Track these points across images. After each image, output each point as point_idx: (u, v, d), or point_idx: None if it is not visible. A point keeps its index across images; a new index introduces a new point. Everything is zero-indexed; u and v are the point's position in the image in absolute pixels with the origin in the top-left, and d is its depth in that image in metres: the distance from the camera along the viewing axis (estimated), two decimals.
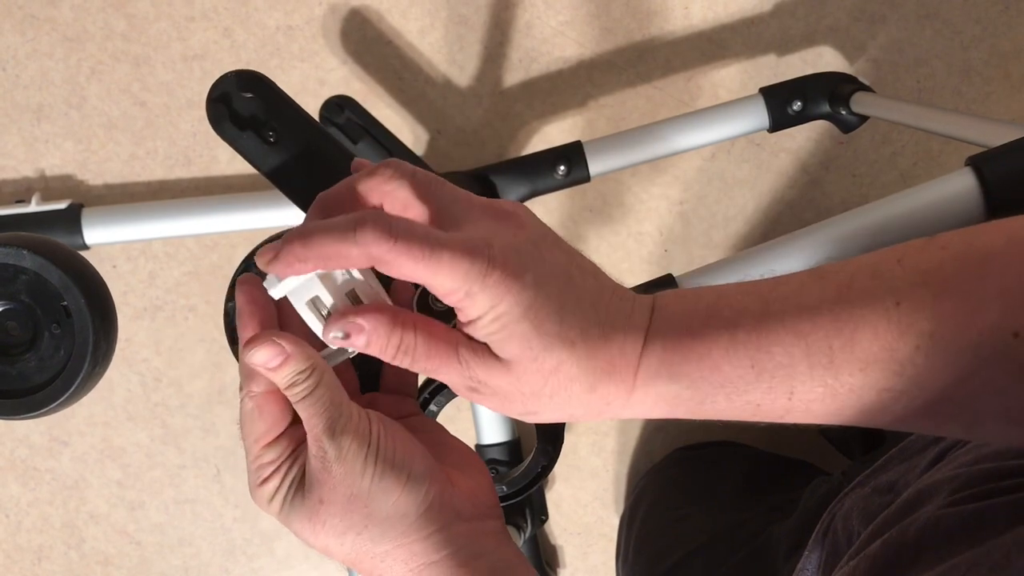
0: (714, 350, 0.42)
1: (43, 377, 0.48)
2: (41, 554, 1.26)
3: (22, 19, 1.12)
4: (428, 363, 0.43)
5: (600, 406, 0.44)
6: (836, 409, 0.41)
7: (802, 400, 0.41)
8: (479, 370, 0.42)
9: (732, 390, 0.42)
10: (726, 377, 0.42)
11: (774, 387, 0.41)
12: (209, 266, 1.17)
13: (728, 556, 0.86)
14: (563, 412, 0.44)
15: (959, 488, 0.49)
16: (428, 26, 1.13)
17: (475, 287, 0.39)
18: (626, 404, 0.44)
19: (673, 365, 0.42)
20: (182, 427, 1.22)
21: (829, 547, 0.63)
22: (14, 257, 0.47)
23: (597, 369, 0.42)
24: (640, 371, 0.43)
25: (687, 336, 0.42)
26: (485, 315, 0.41)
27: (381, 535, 0.43)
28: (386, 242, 0.39)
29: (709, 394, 0.42)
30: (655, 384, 0.43)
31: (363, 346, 0.42)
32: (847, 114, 0.94)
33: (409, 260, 0.39)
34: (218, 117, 0.52)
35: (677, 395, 0.43)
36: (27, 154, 1.15)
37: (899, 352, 0.39)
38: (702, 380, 0.42)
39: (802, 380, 0.41)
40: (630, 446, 1.24)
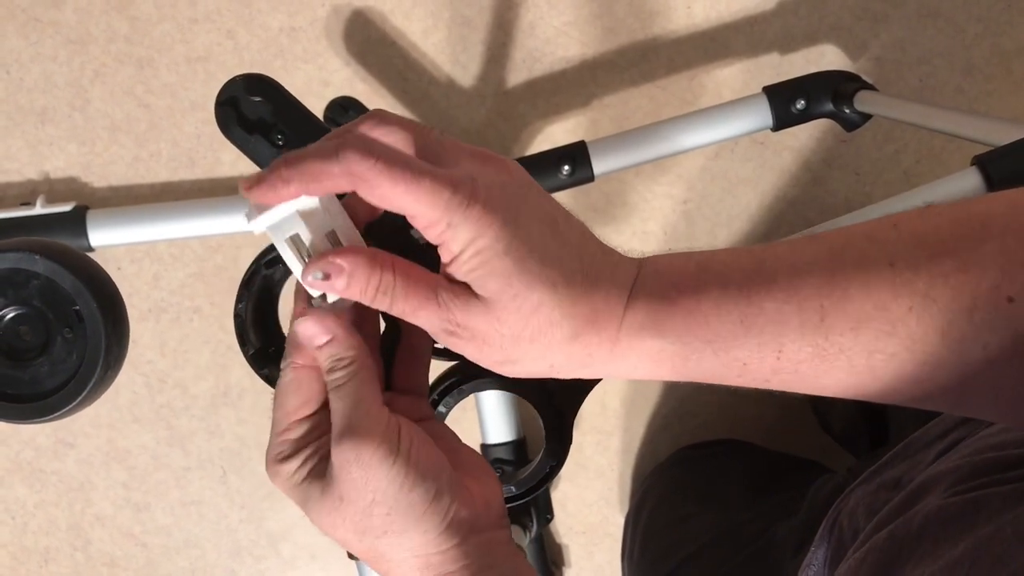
0: (703, 304, 0.41)
1: (55, 382, 0.48)
2: (47, 556, 1.27)
3: (25, 22, 1.12)
4: (407, 304, 0.42)
5: (582, 357, 0.43)
6: (824, 371, 0.40)
7: (790, 360, 0.40)
8: (458, 311, 0.41)
9: (720, 346, 0.41)
10: (714, 332, 0.41)
11: (762, 344, 0.40)
12: (214, 267, 1.17)
13: (734, 554, 0.86)
14: (543, 361, 0.43)
15: (961, 479, 0.49)
16: (431, 27, 1.13)
17: (456, 217, 0.39)
18: (609, 358, 0.43)
19: (659, 319, 0.42)
20: (187, 429, 1.22)
21: (835, 543, 0.63)
22: (26, 262, 0.47)
23: (580, 316, 0.41)
24: (624, 323, 0.42)
25: (674, 290, 0.42)
26: (466, 249, 0.40)
27: (399, 544, 0.43)
28: (367, 160, 0.38)
29: (696, 350, 0.41)
30: (640, 338, 0.42)
31: (343, 288, 0.42)
32: (850, 113, 0.94)
33: (390, 182, 0.38)
34: (226, 120, 0.52)
35: (662, 350, 0.42)
36: (31, 157, 1.15)
37: (891, 312, 0.38)
38: (689, 335, 0.41)
39: (791, 339, 0.40)
40: (635, 445, 1.24)
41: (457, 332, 0.42)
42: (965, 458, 0.51)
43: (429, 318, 0.42)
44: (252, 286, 0.50)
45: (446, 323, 0.42)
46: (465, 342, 0.42)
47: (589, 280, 0.42)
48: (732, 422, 1.22)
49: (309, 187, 0.40)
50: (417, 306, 0.42)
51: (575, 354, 0.42)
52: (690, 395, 1.22)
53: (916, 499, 0.52)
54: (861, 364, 0.39)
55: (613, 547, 1.26)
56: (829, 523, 0.65)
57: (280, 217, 0.42)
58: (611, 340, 0.42)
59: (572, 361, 0.43)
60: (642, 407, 1.23)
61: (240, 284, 0.50)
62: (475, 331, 0.42)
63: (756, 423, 1.22)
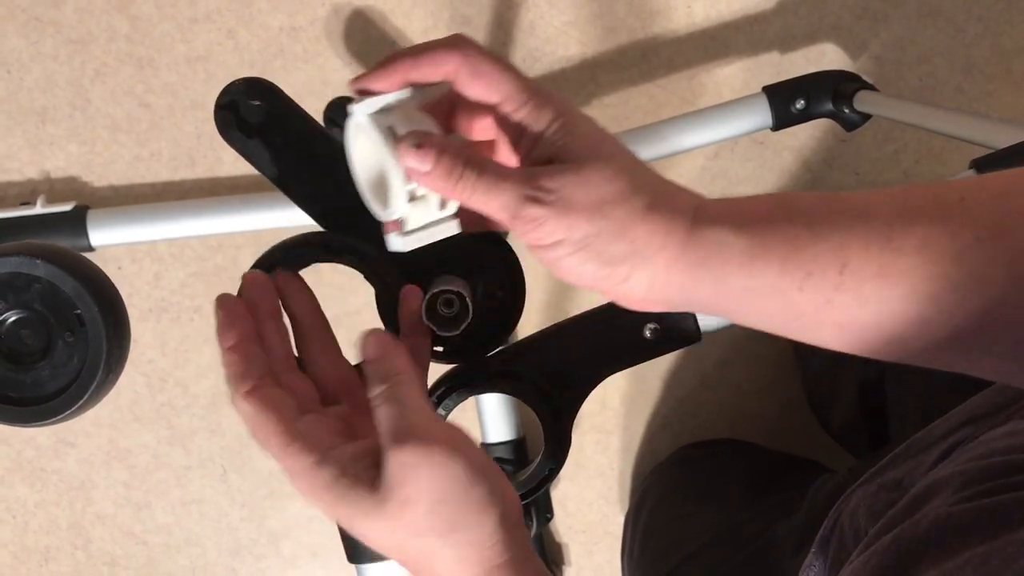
0: (776, 213, 0.42)
1: (57, 385, 0.49)
2: (48, 555, 1.27)
3: (26, 22, 1.13)
4: (494, 173, 0.43)
5: (662, 235, 0.43)
6: (886, 297, 0.40)
7: (853, 277, 0.40)
8: (544, 175, 0.43)
9: (787, 251, 0.41)
10: (784, 235, 0.42)
11: (828, 255, 0.41)
12: (214, 267, 1.17)
13: (734, 554, 0.86)
14: (626, 237, 0.43)
15: (968, 483, 0.48)
16: (431, 27, 1.13)
17: (543, 98, 0.44)
18: (685, 242, 0.43)
19: (734, 215, 0.43)
20: (188, 428, 1.22)
21: (836, 544, 0.63)
22: (27, 266, 0.47)
23: (658, 191, 0.43)
24: (700, 211, 0.43)
25: (747, 201, 0.44)
26: (553, 121, 0.43)
27: (461, 540, 0.44)
28: (470, 41, 0.44)
29: (765, 250, 0.42)
30: (713, 228, 0.43)
31: (434, 157, 0.43)
32: (850, 112, 0.94)
33: (489, 61, 0.44)
34: (226, 124, 0.53)
35: (732, 245, 0.42)
36: (32, 156, 1.15)
37: (959, 238, 0.39)
38: (761, 233, 0.42)
39: (856, 254, 0.40)
40: (635, 444, 1.24)
41: (543, 198, 0.42)
42: (971, 462, 0.51)
43: (515, 187, 0.43)
44: None
45: (532, 189, 0.42)
46: (550, 210, 0.42)
47: (658, 176, 0.45)
48: (732, 421, 1.22)
49: (417, 67, 0.44)
50: (502, 176, 0.43)
51: (656, 229, 0.43)
52: (690, 394, 1.22)
53: (921, 503, 0.51)
54: (923, 289, 0.40)
55: (613, 546, 1.26)
56: (830, 524, 0.65)
57: (382, 105, 0.44)
58: (687, 224, 0.43)
59: (652, 239, 0.43)
60: (642, 406, 1.23)
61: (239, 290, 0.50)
62: (561, 193, 0.42)
63: (756, 422, 1.22)
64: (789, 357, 1.19)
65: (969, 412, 0.60)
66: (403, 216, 0.45)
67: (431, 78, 0.45)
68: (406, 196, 0.44)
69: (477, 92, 0.44)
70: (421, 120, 0.45)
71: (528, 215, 0.42)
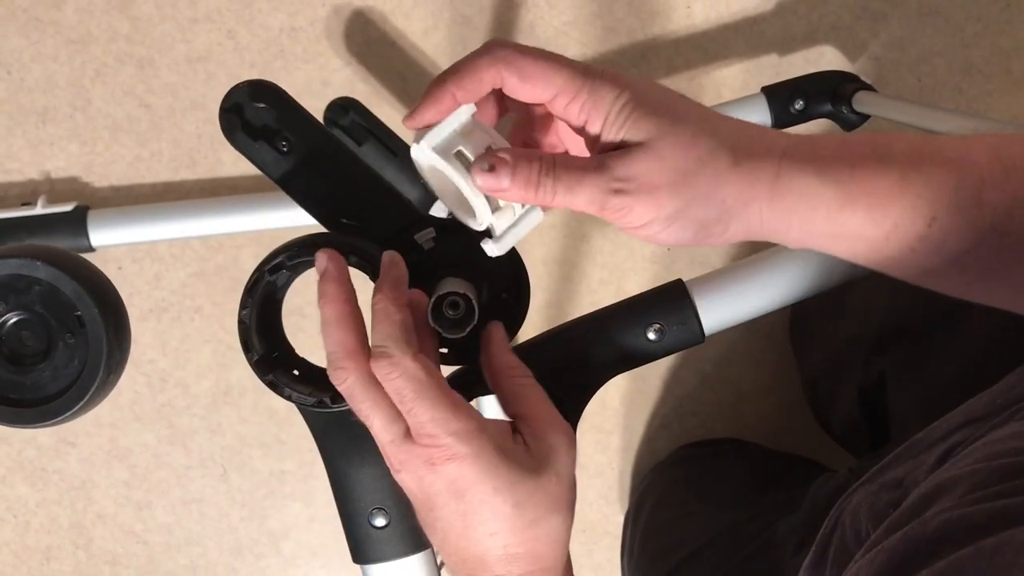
0: (867, 161, 0.42)
1: (57, 387, 0.49)
2: (49, 554, 1.27)
3: (26, 22, 1.13)
4: (570, 176, 0.43)
5: (748, 191, 0.43)
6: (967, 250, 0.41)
7: (940, 231, 0.41)
8: (619, 165, 0.43)
9: (875, 201, 0.42)
10: (872, 185, 0.42)
11: (919, 208, 0.41)
12: (215, 267, 1.17)
13: (734, 553, 0.86)
14: (715, 200, 0.43)
15: (978, 485, 0.48)
16: (431, 27, 1.13)
17: (595, 82, 0.43)
18: (771, 193, 0.43)
19: (821, 161, 0.43)
20: (188, 427, 1.22)
21: (837, 544, 0.63)
22: (28, 268, 0.47)
23: (738, 145, 0.43)
24: (786, 158, 0.43)
25: (838, 143, 0.44)
26: (612, 107, 0.43)
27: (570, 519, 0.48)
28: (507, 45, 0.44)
29: (852, 199, 0.42)
30: (801, 174, 0.43)
31: (509, 176, 0.44)
32: (849, 113, 0.94)
33: (532, 60, 0.43)
34: (231, 127, 0.53)
35: (820, 193, 0.42)
36: (32, 157, 1.16)
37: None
38: (850, 182, 0.42)
39: (946, 209, 0.41)
40: (634, 444, 1.24)
41: (624, 188, 0.43)
42: (980, 463, 0.51)
43: (594, 182, 0.43)
44: (255, 293, 0.50)
45: (611, 182, 0.43)
46: (635, 197, 0.43)
47: (737, 123, 0.44)
48: (732, 421, 1.22)
49: (462, 87, 0.45)
50: (579, 177, 0.43)
51: (742, 186, 0.43)
52: (690, 394, 1.22)
53: (930, 503, 0.51)
54: (1009, 249, 0.41)
55: (613, 545, 1.26)
56: (830, 523, 0.65)
57: (444, 135, 0.45)
58: (773, 173, 0.43)
59: (741, 196, 0.43)
60: (642, 406, 1.23)
61: (244, 291, 0.50)
62: (641, 179, 0.43)
63: (756, 422, 1.22)
64: (789, 357, 1.19)
65: (968, 413, 0.60)
66: (492, 225, 0.47)
67: (480, 93, 0.46)
68: (490, 209, 0.46)
69: (529, 94, 0.45)
70: (484, 135, 0.47)
71: (614, 206, 0.43)
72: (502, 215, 0.47)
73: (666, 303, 0.56)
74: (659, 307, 0.56)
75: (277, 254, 0.50)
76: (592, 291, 1.19)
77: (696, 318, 0.56)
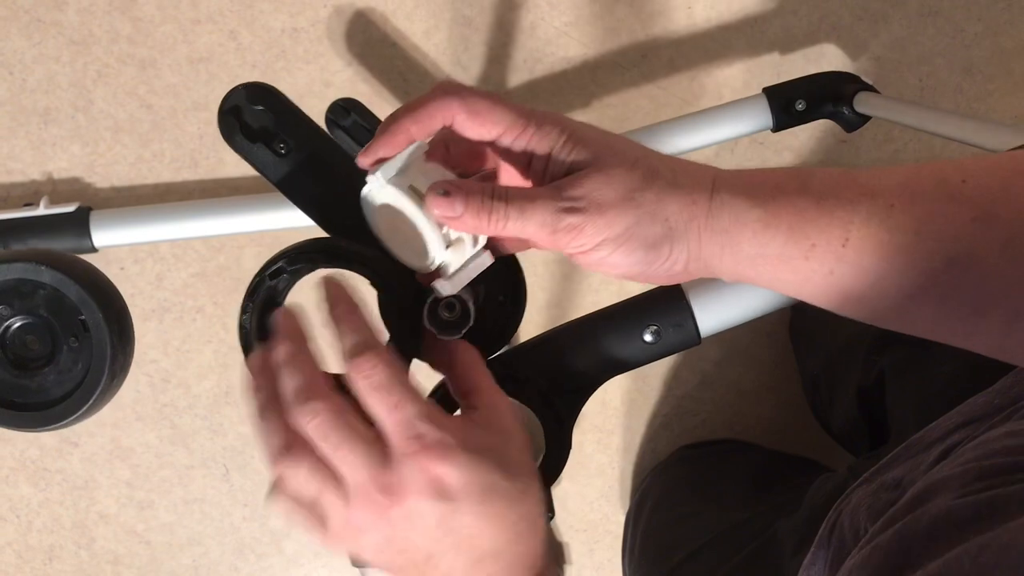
0: (789, 185, 0.45)
1: (62, 390, 0.49)
2: (52, 554, 1.27)
3: (28, 23, 1.13)
4: (523, 201, 0.45)
5: (688, 207, 0.45)
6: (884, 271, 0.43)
7: (854, 250, 0.44)
8: (570, 186, 0.45)
9: (795, 221, 0.44)
10: (794, 207, 0.44)
11: (833, 228, 0.44)
12: (216, 268, 1.17)
13: (734, 553, 0.86)
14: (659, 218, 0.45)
15: (970, 482, 0.49)
16: (432, 27, 1.13)
17: (538, 116, 0.46)
18: (708, 211, 0.45)
19: (749, 187, 0.45)
20: (190, 427, 1.23)
21: (836, 543, 0.63)
22: (32, 272, 0.47)
23: (676, 168, 0.46)
24: (718, 183, 0.45)
25: (763, 173, 0.46)
26: (559, 138, 0.45)
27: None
28: (455, 85, 0.46)
29: (775, 218, 0.44)
30: (732, 196, 0.45)
31: (463, 202, 0.45)
32: (850, 114, 0.94)
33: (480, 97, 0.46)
34: (229, 130, 0.53)
35: (748, 212, 0.45)
36: (35, 157, 1.16)
37: (957, 219, 0.42)
38: (772, 203, 0.44)
39: (858, 229, 0.43)
40: (635, 443, 1.24)
41: (575, 206, 0.44)
42: (972, 462, 0.51)
43: (545, 203, 0.45)
44: (256, 297, 0.50)
45: (563, 201, 0.44)
46: (586, 215, 0.44)
47: (669, 156, 0.47)
48: (732, 420, 1.22)
49: (416, 121, 0.46)
50: (531, 198, 0.45)
51: (683, 203, 0.45)
52: (690, 394, 1.23)
53: (923, 501, 0.51)
54: (919, 266, 0.43)
55: (614, 544, 1.26)
56: (830, 523, 0.66)
57: (398, 167, 0.46)
58: (708, 194, 0.45)
59: (682, 214, 0.45)
60: (642, 405, 1.24)
61: (244, 295, 0.50)
62: (591, 196, 0.44)
63: (756, 422, 1.22)
64: (789, 357, 1.19)
65: (967, 414, 0.60)
66: (444, 262, 0.48)
67: (432, 128, 0.47)
68: (443, 244, 0.47)
69: (477, 130, 0.46)
70: (434, 170, 0.48)
71: (567, 226, 0.44)
72: (455, 252, 0.48)
73: (663, 305, 0.56)
74: (656, 309, 0.56)
75: (277, 259, 0.50)
76: (594, 291, 1.20)
77: (692, 320, 0.56)
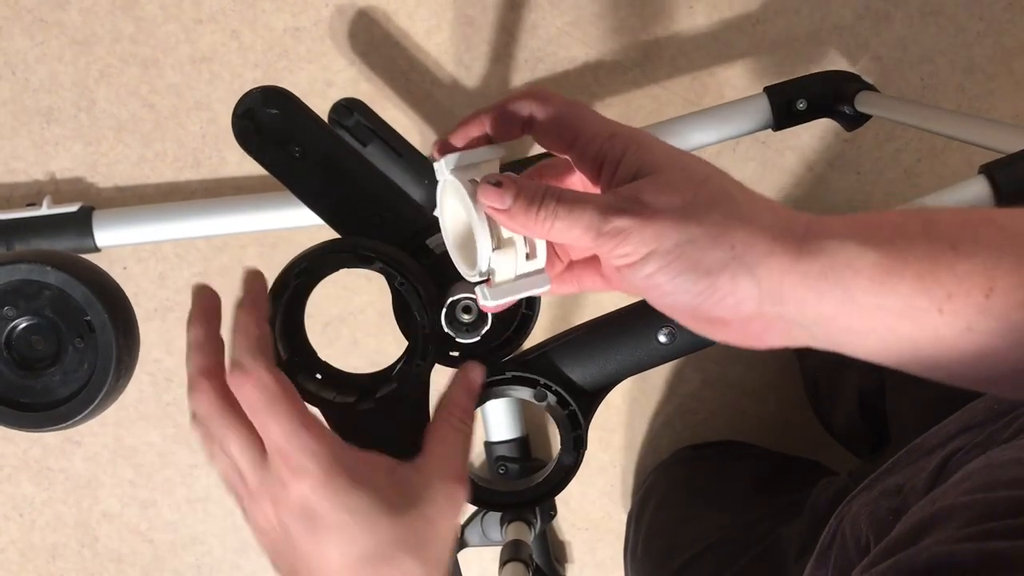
0: (910, 226, 0.38)
1: (67, 391, 0.49)
2: (55, 552, 1.28)
3: (31, 23, 1.13)
4: (574, 202, 0.41)
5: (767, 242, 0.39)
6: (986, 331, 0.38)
7: (1000, 302, 0.37)
8: (625, 188, 0.41)
9: (925, 267, 0.38)
10: (922, 251, 0.38)
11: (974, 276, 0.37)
12: (219, 267, 1.18)
13: (737, 557, 0.86)
14: (724, 241, 0.39)
15: (974, 519, 0.46)
16: (435, 27, 1.13)
17: (614, 126, 0.43)
18: (798, 251, 0.39)
19: (859, 225, 0.39)
20: None
21: (838, 551, 0.63)
22: (38, 273, 0.48)
23: (753, 196, 0.41)
24: (814, 222, 0.40)
25: (871, 215, 0.40)
26: (628, 146, 0.42)
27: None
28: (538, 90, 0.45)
29: (900, 264, 0.38)
30: (836, 237, 0.39)
31: (514, 195, 0.43)
32: (851, 112, 0.94)
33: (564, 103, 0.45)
34: (244, 133, 0.53)
35: (860, 257, 0.38)
36: (37, 157, 1.16)
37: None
38: (894, 245, 0.38)
39: (1006, 277, 0.37)
40: (637, 442, 1.24)
41: (625, 207, 0.40)
42: (978, 492, 0.50)
43: (595, 202, 0.41)
44: (280, 298, 0.50)
45: (614, 200, 0.40)
46: (635, 219, 0.39)
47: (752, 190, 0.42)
48: (733, 420, 1.22)
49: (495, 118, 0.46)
50: (582, 198, 0.41)
51: (758, 234, 0.39)
52: (692, 393, 1.23)
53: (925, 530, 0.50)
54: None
55: (615, 543, 1.26)
56: (831, 531, 0.66)
57: (466, 161, 0.46)
58: (798, 232, 0.39)
59: (756, 245, 0.39)
60: (644, 404, 1.24)
61: (268, 296, 0.50)
62: (643, 200, 0.40)
63: (757, 421, 1.22)
64: (790, 358, 1.19)
65: (967, 420, 0.60)
66: (491, 269, 0.46)
67: (512, 125, 0.46)
68: (491, 242, 0.45)
69: (555, 133, 0.45)
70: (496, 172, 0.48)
71: (612, 229, 0.40)
72: (503, 259, 0.46)
73: None
74: None
75: (302, 259, 0.50)
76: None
77: None
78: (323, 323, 1.16)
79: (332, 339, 1.17)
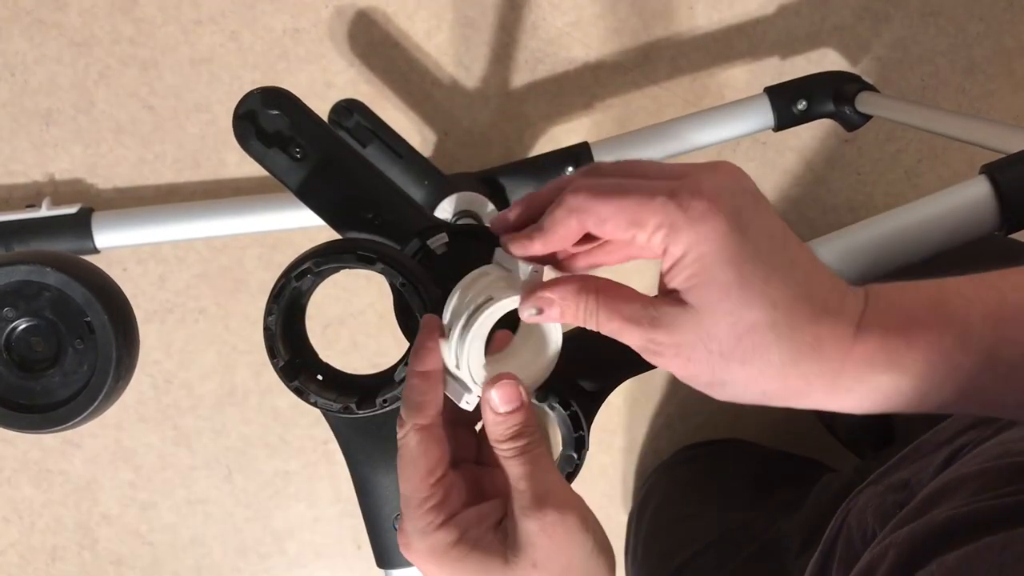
0: (946, 338, 0.38)
1: (67, 392, 0.49)
2: (55, 554, 1.27)
3: (30, 24, 1.13)
4: (611, 325, 0.41)
5: (799, 386, 0.39)
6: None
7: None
8: (662, 331, 0.40)
9: (963, 376, 0.38)
10: (957, 366, 0.38)
11: (1012, 377, 0.38)
12: (219, 268, 1.17)
13: (737, 554, 0.86)
14: (755, 386, 0.40)
15: (988, 484, 0.48)
16: (434, 28, 1.13)
17: (678, 219, 0.38)
18: (831, 390, 0.40)
19: (896, 354, 0.39)
20: (193, 428, 1.23)
21: (843, 544, 0.63)
22: (37, 274, 0.47)
23: (800, 343, 0.39)
24: (853, 356, 0.39)
25: (911, 324, 0.39)
26: (688, 253, 0.38)
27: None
28: (579, 194, 0.41)
29: (936, 385, 0.39)
30: (871, 372, 0.39)
31: (557, 317, 0.43)
32: (852, 113, 0.94)
33: (602, 202, 0.40)
34: (245, 134, 0.53)
35: (896, 386, 0.39)
36: (36, 159, 1.16)
37: None
38: (930, 369, 0.38)
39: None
40: (637, 443, 1.24)
41: (659, 351, 0.41)
42: (989, 462, 0.50)
43: (631, 339, 0.41)
44: (281, 299, 0.50)
45: (648, 343, 0.41)
46: (669, 359, 0.41)
47: (815, 307, 0.39)
48: (734, 420, 1.22)
49: (548, 243, 0.43)
50: (619, 328, 0.41)
51: (792, 381, 0.39)
52: (692, 393, 1.22)
53: (937, 500, 0.51)
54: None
55: (616, 545, 1.26)
56: (837, 524, 0.66)
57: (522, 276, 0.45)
58: (834, 372, 0.39)
59: (788, 389, 0.40)
60: (644, 405, 1.24)
61: (269, 297, 0.50)
62: (680, 347, 0.40)
63: (758, 421, 1.22)
64: None
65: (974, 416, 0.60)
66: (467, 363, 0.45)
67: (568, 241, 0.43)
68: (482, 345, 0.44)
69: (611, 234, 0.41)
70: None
71: (651, 359, 0.42)
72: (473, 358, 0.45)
73: None
74: None
75: (304, 260, 0.49)
76: None
77: None
78: (323, 324, 1.16)
79: (332, 341, 1.16)
